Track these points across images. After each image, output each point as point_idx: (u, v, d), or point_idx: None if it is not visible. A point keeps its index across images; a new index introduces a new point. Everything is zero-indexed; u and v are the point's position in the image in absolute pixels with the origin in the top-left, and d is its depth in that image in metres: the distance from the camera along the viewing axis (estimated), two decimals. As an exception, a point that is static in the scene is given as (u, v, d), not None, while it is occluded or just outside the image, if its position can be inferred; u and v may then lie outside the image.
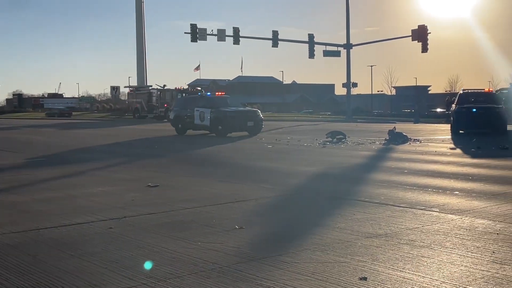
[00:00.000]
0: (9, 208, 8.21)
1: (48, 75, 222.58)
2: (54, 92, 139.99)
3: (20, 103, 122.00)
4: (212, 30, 46.18)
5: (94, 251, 5.73)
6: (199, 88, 48.07)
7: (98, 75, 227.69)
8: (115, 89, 72.07)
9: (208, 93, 31.53)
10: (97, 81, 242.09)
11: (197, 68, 75.32)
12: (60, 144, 22.38)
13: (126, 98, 65.01)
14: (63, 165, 14.26)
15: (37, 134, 30.88)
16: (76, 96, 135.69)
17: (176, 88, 51.22)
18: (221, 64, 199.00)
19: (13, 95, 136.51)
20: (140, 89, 58.82)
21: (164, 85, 53.22)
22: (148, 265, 5.14)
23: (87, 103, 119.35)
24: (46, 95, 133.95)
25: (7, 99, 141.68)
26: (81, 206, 8.26)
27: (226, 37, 46.49)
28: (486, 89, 28.43)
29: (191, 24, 44.96)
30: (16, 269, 5.15)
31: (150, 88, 57.64)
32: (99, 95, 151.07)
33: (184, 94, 43.80)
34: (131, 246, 5.89)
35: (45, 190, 9.99)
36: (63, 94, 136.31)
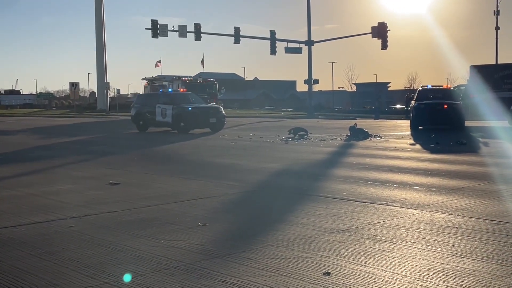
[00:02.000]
0: (-35, 208, 7.99)
1: (5, 71, 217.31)
2: (11, 88, 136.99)
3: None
4: (173, 26, 45.62)
5: (55, 250, 5.62)
6: (213, 80, 41.76)
7: (56, 71, 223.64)
8: (74, 85, 70.83)
9: (170, 90, 31.08)
10: (55, 77, 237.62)
11: (158, 63, 74.24)
12: (18, 142, 21.92)
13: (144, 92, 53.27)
14: (21, 163, 13.96)
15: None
16: (34, 92, 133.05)
17: (182, 79, 41.94)
18: (183, 60, 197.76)
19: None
20: (156, 82, 47.10)
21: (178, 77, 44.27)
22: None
23: (45, 99, 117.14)
24: (2, 92, 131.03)
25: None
26: (40, 205, 8.10)
27: (188, 33, 46.13)
28: (445, 86, 29.07)
29: (152, 20, 44.42)
30: (-27, 270, 5.01)
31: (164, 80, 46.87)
32: (58, 91, 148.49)
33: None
34: (93, 245, 5.80)
35: (2, 188, 9.75)
36: (21, 91, 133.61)
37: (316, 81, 53.85)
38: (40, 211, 7.61)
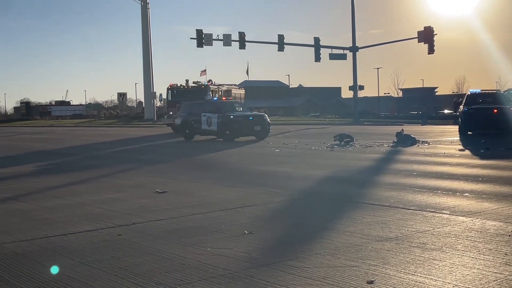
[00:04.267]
0: (18, 216, 8.22)
1: (55, 83, 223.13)
2: (61, 99, 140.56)
3: (27, 111, 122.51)
4: (218, 35, 46.04)
5: (104, 258, 5.71)
6: (203, 83, 36.15)
7: (104, 82, 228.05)
8: (122, 95, 72.14)
9: (215, 98, 31.16)
10: (103, 88, 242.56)
11: (203, 72, 74.80)
12: (68, 152, 22.45)
13: None
14: (70, 172, 14.28)
15: (46, 142, 30.93)
16: (83, 103, 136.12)
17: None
18: (227, 69, 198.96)
19: (21, 103, 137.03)
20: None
21: (210, 80, 37.49)
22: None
23: (94, 110, 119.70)
24: (53, 103, 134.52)
25: (15, 108, 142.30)
26: (90, 213, 8.26)
27: (232, 42, 46.48)
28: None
29: (196, 30, 44.95)
30: (26, 277, 5.14)
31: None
32: (106, 101, 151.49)
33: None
34: (141, 253, 5.87)
35: (53, 197, 9.99)
36: (70, 102, 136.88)
37: (362, 87, 53.42)
38: (90, 220, 7.75)
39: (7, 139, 35.57)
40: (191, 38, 45.33)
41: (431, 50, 45.73)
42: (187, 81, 35.81)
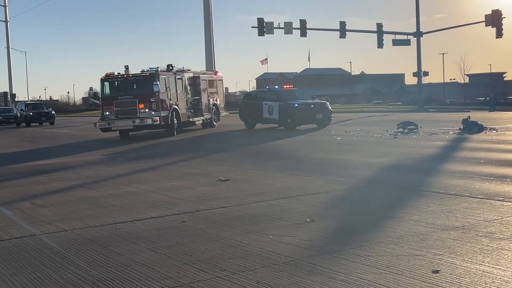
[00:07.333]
0: (87, 203, 8.51)
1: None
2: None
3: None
4: (279, 23, 45.94)
5: (169, 244, 5.85)
6: (143, 72, 25.22)
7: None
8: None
9: (276, 87, 30.98)
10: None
11: (265, 61, 74.87)
12: (132, 140, 23.01)
13: None
14: (136, 161, 14.65)
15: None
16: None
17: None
18: (289, 57, 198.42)
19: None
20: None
21: (170, 65, 27.57)
22: None
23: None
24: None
25: (83, 98, 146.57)
26: (155, 201, 8.46)
27: (293, 30, 46.26)
28: None
29: (258, 18, 44.90)
30: (95, 262, 5.33)
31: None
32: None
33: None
34: (205, 240, 5.97)
35: (120, 185, 10.28)
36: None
37: (426, 73, 52.13)
38: (155, 207, 7.94)
39: (76, 129, 36.79)
40: (252, 27, 45.49)
41: (499, 34, 44.12)
42: (126, 67, 25.66)
